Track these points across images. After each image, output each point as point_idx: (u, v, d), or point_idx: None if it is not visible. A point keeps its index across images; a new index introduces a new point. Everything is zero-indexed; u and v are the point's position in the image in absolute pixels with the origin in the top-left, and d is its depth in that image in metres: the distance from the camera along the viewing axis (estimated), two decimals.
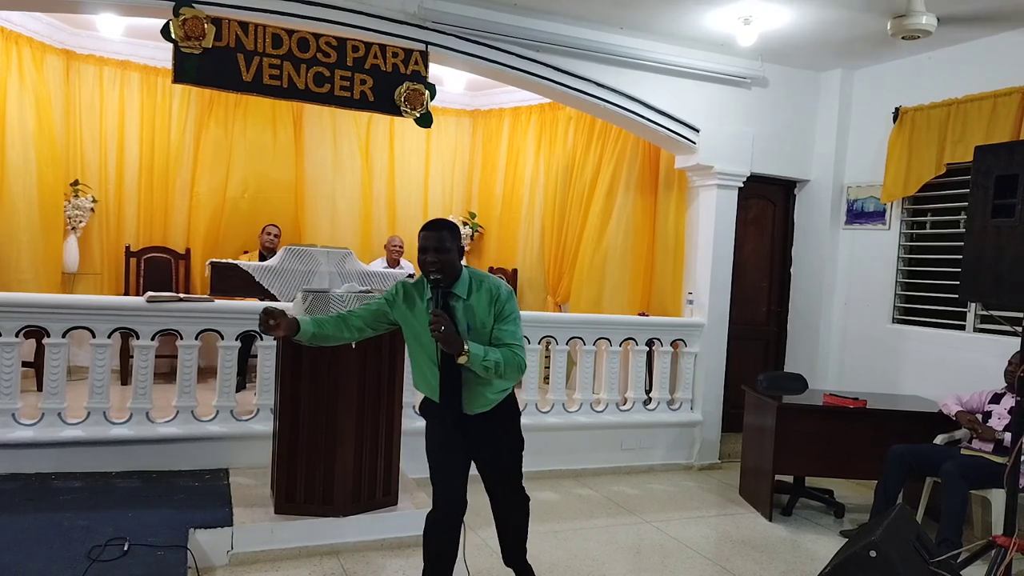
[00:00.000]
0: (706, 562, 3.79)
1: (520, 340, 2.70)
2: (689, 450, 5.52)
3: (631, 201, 6.12)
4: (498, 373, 2.61)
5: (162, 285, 6.03)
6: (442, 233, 2.65)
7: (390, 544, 3.66)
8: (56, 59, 5.97)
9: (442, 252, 2.62)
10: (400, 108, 4.60)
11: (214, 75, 4.21)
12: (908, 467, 4.09)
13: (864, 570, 2.79)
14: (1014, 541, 2.99)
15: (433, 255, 2.61)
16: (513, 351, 2.65)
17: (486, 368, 2.57)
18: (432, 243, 2.63)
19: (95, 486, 3.80)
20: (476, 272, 2.78)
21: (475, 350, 2.55)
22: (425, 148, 7.36)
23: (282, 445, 3.62)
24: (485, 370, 2.58)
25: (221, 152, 6.47)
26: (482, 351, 2.57)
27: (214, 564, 3.36)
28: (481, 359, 2.55)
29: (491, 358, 2.58)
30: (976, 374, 4.48)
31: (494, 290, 2.70)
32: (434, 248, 2.62)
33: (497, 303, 2.68)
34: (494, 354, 2.60)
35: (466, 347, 2.53)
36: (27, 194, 5.65)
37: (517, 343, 2.68)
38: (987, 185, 3.01)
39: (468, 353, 2.53)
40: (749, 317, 5.92)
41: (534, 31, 4.78)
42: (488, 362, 2.57)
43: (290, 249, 5.29)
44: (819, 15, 4.59)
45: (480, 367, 2.57)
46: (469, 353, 2.53)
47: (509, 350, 2.64)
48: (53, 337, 3.97)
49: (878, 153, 5.39)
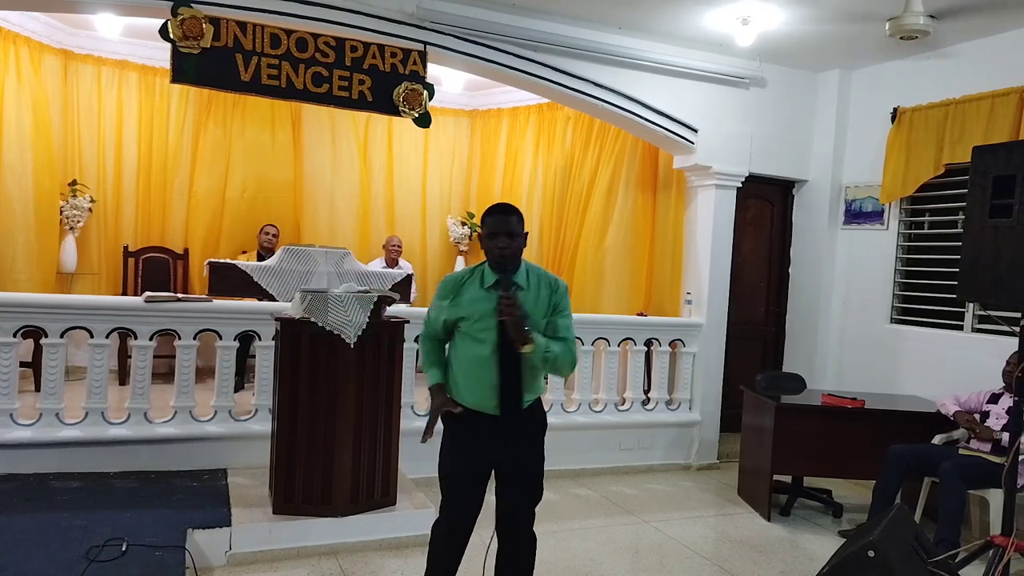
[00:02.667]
0: (704, 562, 3.79)
1: (573, 334, 2.65)
2: (688, 450, 5.53)
3: (630, 201, 6.12)
4: (554, 366, 2.55)
5: (160, 285, 6.03)
6: (512, 218, 2.57)
7: (389, 544, 3.65)
8: (54, 59, 5.96)
9: (514, 237, 2.54)
10: (398, 108, 4.59)
11: (212, 75, 4.20)
12: (906, 467, 4.10)
13: (862, 570, 2.79)
14: (1012, 541, 2.99)
15: (505, 239, 2.53)
16: (568, 346, 2.59)
17: (546, 359, 2.51)
18: (504, 228, 2.54)
19: (93, 486, 3.80)
20: (530, 264, 2.69)
21: (539, 340, 2.48)
22: (423, 148, 7.36)
23: (280, 445, 3.62)
24: (544, 361, 2.51)
25: (219, 152, 6.47)
26: (544, 341, 2.51)
27: (212, 564, 3.35)
28: (544, 349, 2.49)
29: (552, 349, 2.52)
30: (974, 374, 4.48)
31: (553, 282, 2.65)
32: (506, 233, 2.54)
33: (556, 294, 2.62)
34: (555, 345, 2.54)
35: (532, 335, 2.45)
36: (23, 194, 5.64)
37: (572, 336, 2.63)
38: (985, 185, 3.01)
39: (533, 342, 2.45)
40: (747, 317, 5.93)
41: (532, 31, 4.78)
42: (549, 353, 2.50)
43: (288, 249, 5.29)
44: (817, 15, 4.59)
45: (541, 357, 2.49)
46: (534, 342, 2.46)
47: (565, 344, 2.58)
48: (51, 337, 3.96)
49: (876, 153, 5.40)
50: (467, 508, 2.65)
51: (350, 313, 3.55)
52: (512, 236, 2.54)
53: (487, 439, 2.61)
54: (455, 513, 2.65)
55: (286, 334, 3.60)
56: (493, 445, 2.61)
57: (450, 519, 2.67)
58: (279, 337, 3.67)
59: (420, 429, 2.88)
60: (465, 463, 2.64)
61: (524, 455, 2.65)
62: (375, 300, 3.66)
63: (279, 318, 3.66)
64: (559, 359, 2.54)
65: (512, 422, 2.60)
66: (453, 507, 2.66)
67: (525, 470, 2.65)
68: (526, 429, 2.65)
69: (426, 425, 2.64)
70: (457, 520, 2.66)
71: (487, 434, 2.61)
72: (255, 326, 4.33)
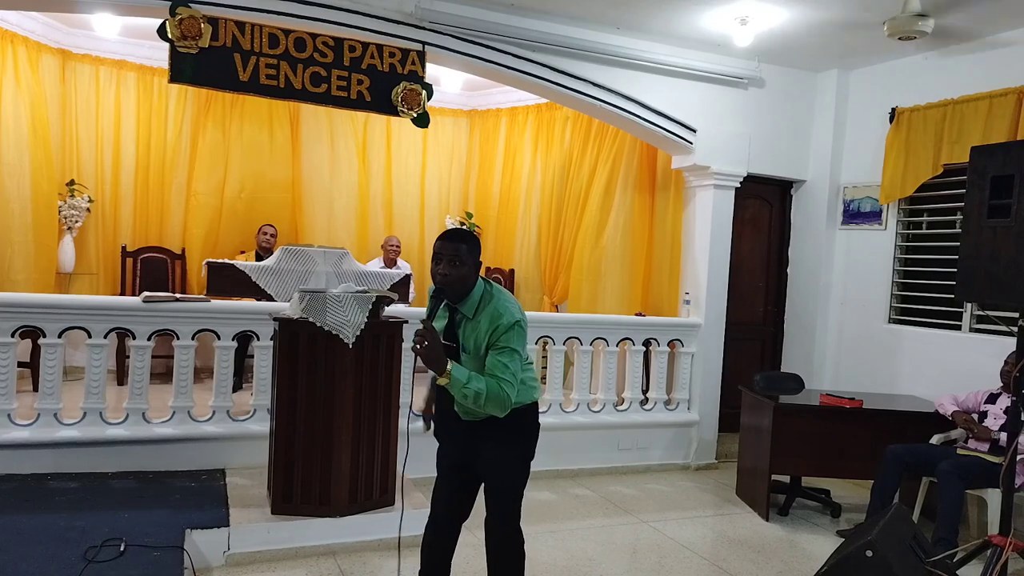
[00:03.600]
0: (703, 562, 3.80)
1: (511, 375, 2.44)
2: (686, 450, 5.53)
3: (628, 201, 6.12)
4: (477, 404, 2.40)
5: (158, 285, 6.03)
6: (459, 246, 2.47)
7: (387, 544, 3.65)
8: (52, 59, 5.95)
9: (455, 266, 2.45)
10: (397, 108, 4.59)
11: (211, 75, 4.20)
12: (904, 467, 4.10)
13: (860, 570, 2.80)
14: (1010, 541, 3.00)
15: (445, 267, 2.45)
16: (499, 383, 2.41)
17: (464, 396, 2.38)
18: (447, 253, 2.46)
19: (91, 487, 3.79)
20: (495, 293, 2.56)
21: (457, 374, 2.36)
22: (422, 148, 7.36)
23: (279, 445, 3.62)
24: (464, 397, 2.39)
25: (218, 152, 6.47)
26: (464, 377, 2.37)
27: (210, 564, 3.35)
28: (461, 385, 2.36)
29: (472, 386, 2.37)
30: (972, 374, 4.49)
31: (496, 317, 2.47)
32: (448, 259, 2.45)
33: (495, 331, 2.46)
34: (477, 383, 2.39)
35: (449, 368, 2.35)
36: (21, 194, 5.63)
37: (506, 377, 2.42)
38: (983, 185, 3.02)
39: (449, 375, 2.35)
40: (746, 317, 5.93)
41: (531, 31, 4.78)
42: (468, 390, 2.37)
43: (287, 249, 5.29)
44: (815, 15, 4.59)
45: (459, 393, 2.39)
46: (451, 376, 2.35)
47: (495, 382, 2.41)
48: (49, 337, 3.96)
49: (874, 153, 5.40)
50: (441, 504, 2.75)
51: (348, 313, 3.55)
52: (456, 264, 2.45)
53: (456, 438, 2.70)
54: (433, 508, 2.78)
55: (284, 334, 3.60)
56: (461, 445, 2.69)
57: (431, 514, 2.80)
58: (277, 337, 3.67)
59: (420, 429, 2.96)
60: (440, 460, 2.78)
61: (489, 456, 2.63)
62: (373, 300, 3.65)
63: (277, 318, 3.65)
64: (480, 397, 2.38)
65: (479, 425, 2.62)
66: (432, 502, 2.79)
67: (490, 470, 2.66)
68: (493, 432, 2.59)
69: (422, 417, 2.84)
70: (435, 514, 2.78)
71: (457, 433, 2.69)
72: (253, 326, 4.33)
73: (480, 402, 2.40)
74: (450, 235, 2.54)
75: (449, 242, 2.48)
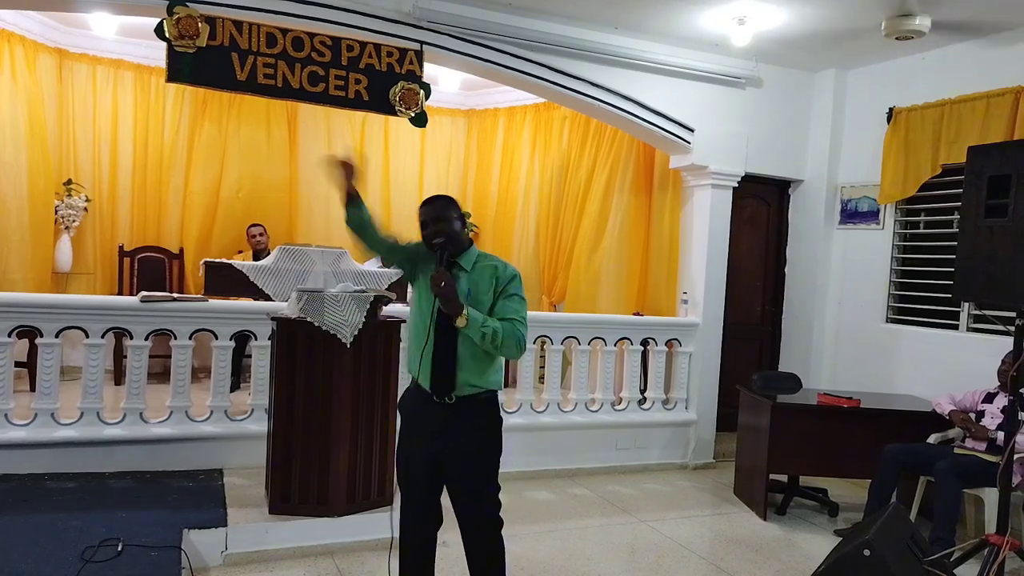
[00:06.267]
0: (701, 561, 3.80)
1: (523, 317, 2.58)
2: (684, 449, 5.53)
3: (626, 201, 6.12)
4: (495, 343, 2.49)
5: (156, 285, 6.01)
6: (437, 203, 2.63)
7: (385, 544, 3.63)
8: (49, 58, 5.94)
9: (441, 221, 2.58)
10: (395, 107, 4.59)
11: (208, 74, 4.19)
12: (902, 466, 4.11)
13: (858, 569, 2.80)
14: (1007, 540, 3.00)
15: (433, 225, 2.58)
16: (514, 325, 2.53)
17: (483, 335, 2.46)
18: (431, 214, 2.60)
19: (89, 487, 3.78)
20: (486, 253, 2.71)
21: (474, 314, 2.47)
22: (420, 148, 7.35)
23: (276, 445, 3.62)
24: (483, 337, 2.47)
25: (215, 151, 6.46)
26: (481, 316, 2.48)
27: (208, 565, 3.34)
28: (480, 324, 2.46)
29: (490, 325, 2.48)
30: (969, 373, 4.49)
31: (500, 267, 2.62)
32: (434, 219, 2.59)
33: (499, 280, 2.59)
34: (493, 322, 2.50)
35: (465, 310, 2.45)
36: (18, 194, 5.62)
37: (520, 319, 2.56)
38: (980, 185, 3.02)
39: (467, 316, 2.45)
40: (744, 317, 5.94)
41: (529, 31, 4.78)
42: (487, 328, 2.46)
43: (284, 249, 5.28)
44: (813, 15, 4.60)
45: (478, 332, 2.46)
46: (468, 316, 2.45)
47: (510, 323, 2.53)
48: (46, 337, 3.95)
49: (872, 153, 5.41)
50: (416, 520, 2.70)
51: (346, 313, 3.55)
52: (440, 220, 2.59)
53: (428, 426, 2.60)
54: (406, 512, 2.72)
55: (282, 334, 3.60)
56: (433, 437, 2.59)
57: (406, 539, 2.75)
58: (275, 337, 3.67)
59: None
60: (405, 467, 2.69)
61: (463, 448, 2.59)
62: (371, 300, 3.65)
63: (275, 318, 3.65)
64: (499, 335, 2.48)
65: (452, 414, 2.57)
66: (405, 507, 2.72)
67: (465, 465, 2.61)
68: (467, 422, 2.58)
69: None
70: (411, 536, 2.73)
71: (428, 423, 2.60)
72: (251, 326, 4.33)
73: (498, 341, 2.50)
74: (429, 199, 2.69)
75: (431, 205, 2.65)
